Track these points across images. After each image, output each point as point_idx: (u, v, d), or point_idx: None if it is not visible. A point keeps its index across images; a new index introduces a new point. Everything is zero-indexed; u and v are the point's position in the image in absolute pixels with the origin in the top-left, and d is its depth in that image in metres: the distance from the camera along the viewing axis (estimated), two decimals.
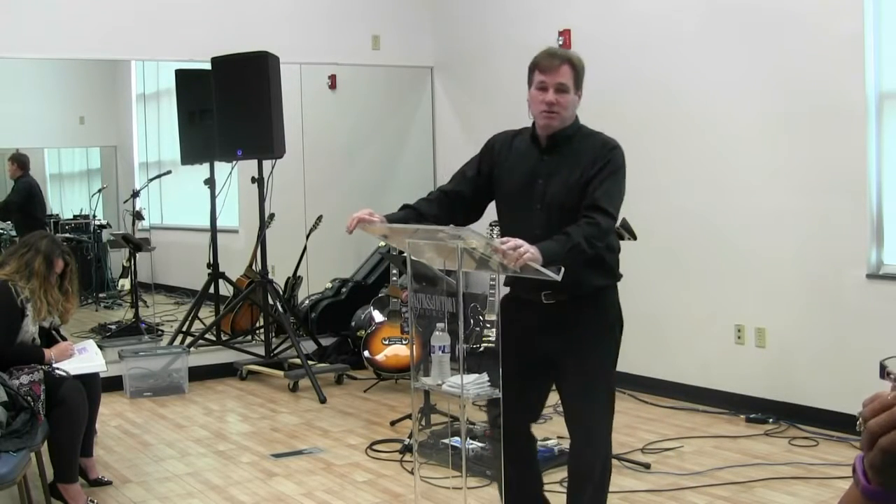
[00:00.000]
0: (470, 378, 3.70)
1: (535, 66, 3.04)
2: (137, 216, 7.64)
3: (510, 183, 3.12)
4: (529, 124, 3.16)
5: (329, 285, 7.63)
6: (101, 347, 4.62)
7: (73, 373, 4.10)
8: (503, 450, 3.22)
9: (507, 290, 3.23)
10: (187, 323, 6.96)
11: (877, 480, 0.94)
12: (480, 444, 4.58)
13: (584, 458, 3.14)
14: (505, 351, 3.20)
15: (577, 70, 3.02)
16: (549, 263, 2.76)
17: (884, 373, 1.03)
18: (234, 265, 7.30)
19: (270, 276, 6.76)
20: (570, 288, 2.95)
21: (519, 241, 2.72)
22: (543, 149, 3.07)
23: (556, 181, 3.01)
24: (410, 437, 4.63)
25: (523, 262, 2.70)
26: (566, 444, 4.42)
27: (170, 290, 8.17)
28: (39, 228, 6.89)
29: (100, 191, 7.89)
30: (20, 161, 7.49)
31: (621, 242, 4.40)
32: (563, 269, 2.76)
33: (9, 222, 7.63)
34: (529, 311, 3.10)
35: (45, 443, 3.90)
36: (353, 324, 7.13)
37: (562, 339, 3.06)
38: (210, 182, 7.09)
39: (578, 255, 2.84)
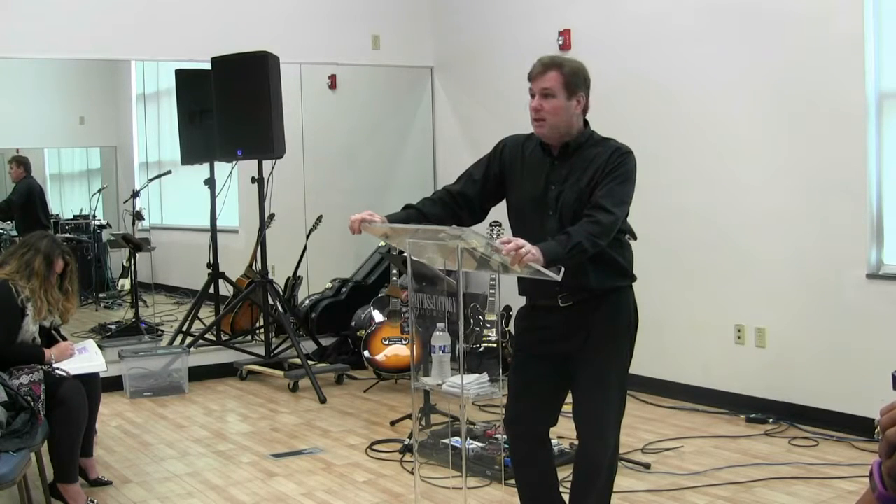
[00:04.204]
0: (470, 378, 3.70)
1: (528, 76, 3.06)
2: (137, 216, 7.64)
3: (524, 189, 3.11)
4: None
5: (329, 285, 7.63)
6: (101, 347, 4.61)
7: (73, 373, 4.10)
8: (516, 453, 3.24)
9: (522, 299, 3.23)
10: (187, 323, 6.96)
11: (894, 488, 0.94)
12: (480, 444, 4.58)
13: (592, 455, 3.14)
14: (522, 356, 3.22)
15: (568, 76, 2.99)
16: (550, 263, 2.76)
17: None
18: (234, 265, 7.31)
19: (270, 276, 6.76)
20: (586, 289, 2.98)
21: (520, 242, 2.72)
22: (555, 156, 3.07)
23: (569, 187, 3.02)
24: (410, 437, 4.63)
25: (525, 262, 2.70)
26: (567, 445, 4.44)
27: (170, 290, 8.17)
28: (41, 229, 6.92)
29: (100, 191, 7.89)
30: (22, 163, 7.50)
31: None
32: (563, 269, 2.76)
33: (9, 222, 7.64)
34: (547, 317, 3.11)
35: (45, 443, 3.90)
36: (353, 324, 7.13)
37: (579, 338, 3.07)
38: (210, 182, 7.09)
39: (580, 255, 2.84)
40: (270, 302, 6.77)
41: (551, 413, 3.21)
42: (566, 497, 3.28)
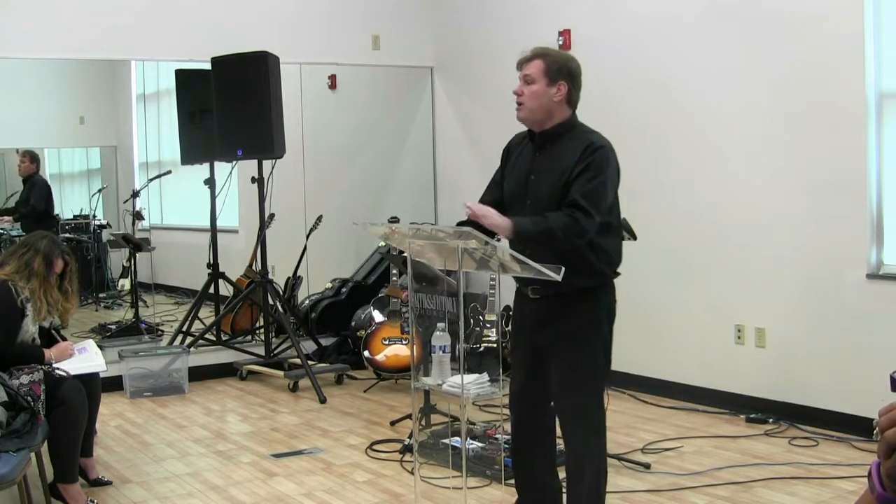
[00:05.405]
0: (470, 378, 3.70)
1: (516, 65, 3.23)
2: (137, 216, 7.64)
3: (511, 180, 3.25)
4: None
5: (329, 285, 7.63)
6: (101, 347, 4.61)
7: (73, 373, 4.10)
8: (511, 436, 3.36)
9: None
10: (187, 323, 6.96)
11: (893, 489, 0.95)
12: (480, 444, 4.58)
13: (574, 453, 3.22)
14: (513, 337, 3.42)
15: (550, 64, 3.11)
16: (519, 237, 2.92)
17: (895, 385, 1.03)
18: (234, 265, 7.30)
19: (270, 276, 6.76)
20: (554, 285, 3.02)
21: (488, 209, 2.94)
22: (536, 146, 3.18)
23: (545, 178, 3.11)
24: (410, 437, 4.63)
25: (484, 222, 2.91)
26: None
27: (170, 290, 8.16)
28: (53, 227, 6.94)
29: (100, 191, 7.89)
30: (34, 159, 7.46)
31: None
32: (563, 269, 2.78)
33: (8, 223, 7.62)
34: (524, 304, 3.25)
35: (45, 443, 3.90)
36: (353, 324, 7.12)
37: (548, 334, 3.17)
38: (210, 182, 7.08)
39: (549, 241, 2.93)
40: (270, 302, 6.77)
41: (538, 396, 3.29)
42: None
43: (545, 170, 3.11)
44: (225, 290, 7.21)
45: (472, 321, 6.17)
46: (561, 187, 3.03)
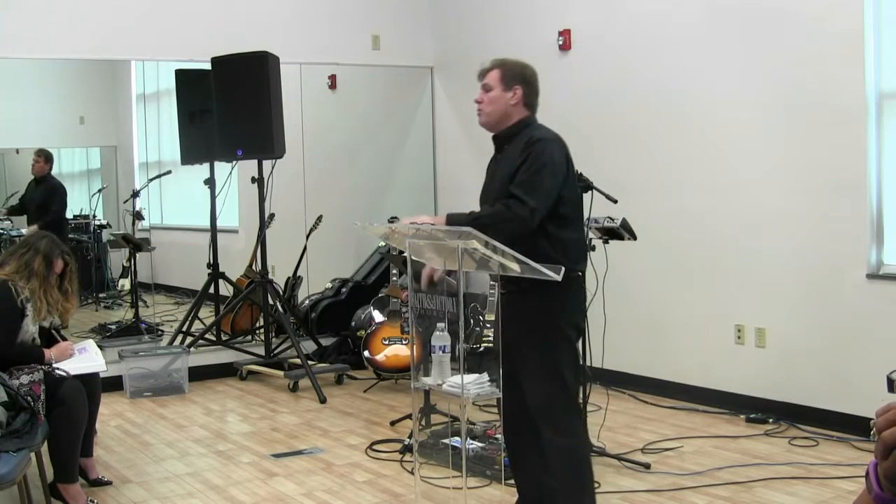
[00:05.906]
0: (470, 378, 3.71)
1: (477, 77, 3.47)
2: (137, 216, 7.64)
3: (484, 185, 3.44)
4: None
5: (329, 285, 7.63)
6: (101, 347, 4.61)
7: (73, 373, 4.10)
8: (503, 431, 3.44)
9: None
10: (187, 323, 6.96)
11: (891, 489, 0.95)
12: (480, 444, 4.58)
13: (550, 452, 3.28)
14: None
15: (505, 71, 3.35)
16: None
17: (892, 386, 1.03)
18: (234, 265, 7.30)
19: (270, 276, 6.76)
20: (516, 280, 3.09)
21: (420, 215, 3.16)
22: (496, 148, 3.38)
23: (500, 177, 3.26)
24: (410, 437, 4.63)
25: (421, 225, 3.07)
26: None
27: (170, 290, 8.16)
28: (65, 230, 6.93)
29: (100, 191, 7.89)
30: (49, 159, 7.43)
31: (621, 242, 4.42)
32: (563, 269, 2.79)
33: (8, 222, 7.61)
34: (502, 301, 3.36)
35: (45, 443, 3.90)
36: (353, 324, 7.12)
37: (513, 328, 3.26)
38: (210, 182, 7.08)
39: (481, 228, 3.01)
40: (270, 302, 6.77)
41: (521, 389, 3.33)
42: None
43: (501, 170, 3.27)
44: (225, 290, 7.21)
45: (472, 321, 6.16)
46: (509, 184, 3.17)
